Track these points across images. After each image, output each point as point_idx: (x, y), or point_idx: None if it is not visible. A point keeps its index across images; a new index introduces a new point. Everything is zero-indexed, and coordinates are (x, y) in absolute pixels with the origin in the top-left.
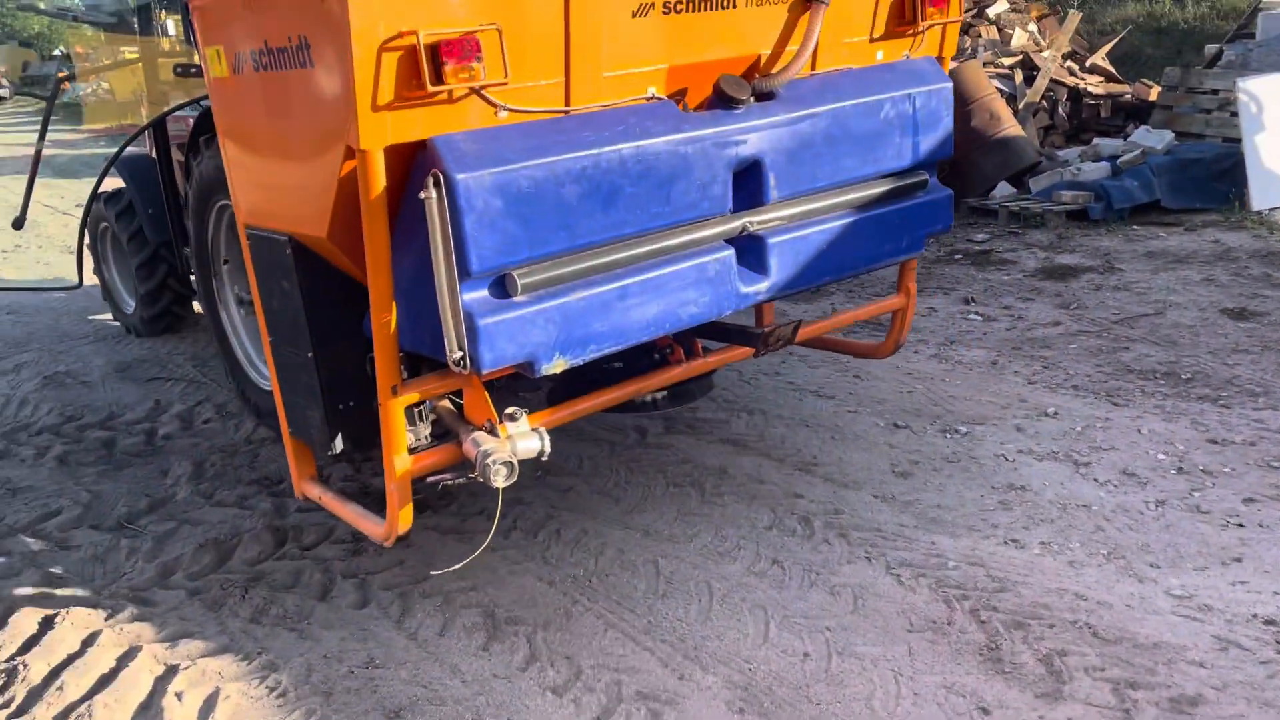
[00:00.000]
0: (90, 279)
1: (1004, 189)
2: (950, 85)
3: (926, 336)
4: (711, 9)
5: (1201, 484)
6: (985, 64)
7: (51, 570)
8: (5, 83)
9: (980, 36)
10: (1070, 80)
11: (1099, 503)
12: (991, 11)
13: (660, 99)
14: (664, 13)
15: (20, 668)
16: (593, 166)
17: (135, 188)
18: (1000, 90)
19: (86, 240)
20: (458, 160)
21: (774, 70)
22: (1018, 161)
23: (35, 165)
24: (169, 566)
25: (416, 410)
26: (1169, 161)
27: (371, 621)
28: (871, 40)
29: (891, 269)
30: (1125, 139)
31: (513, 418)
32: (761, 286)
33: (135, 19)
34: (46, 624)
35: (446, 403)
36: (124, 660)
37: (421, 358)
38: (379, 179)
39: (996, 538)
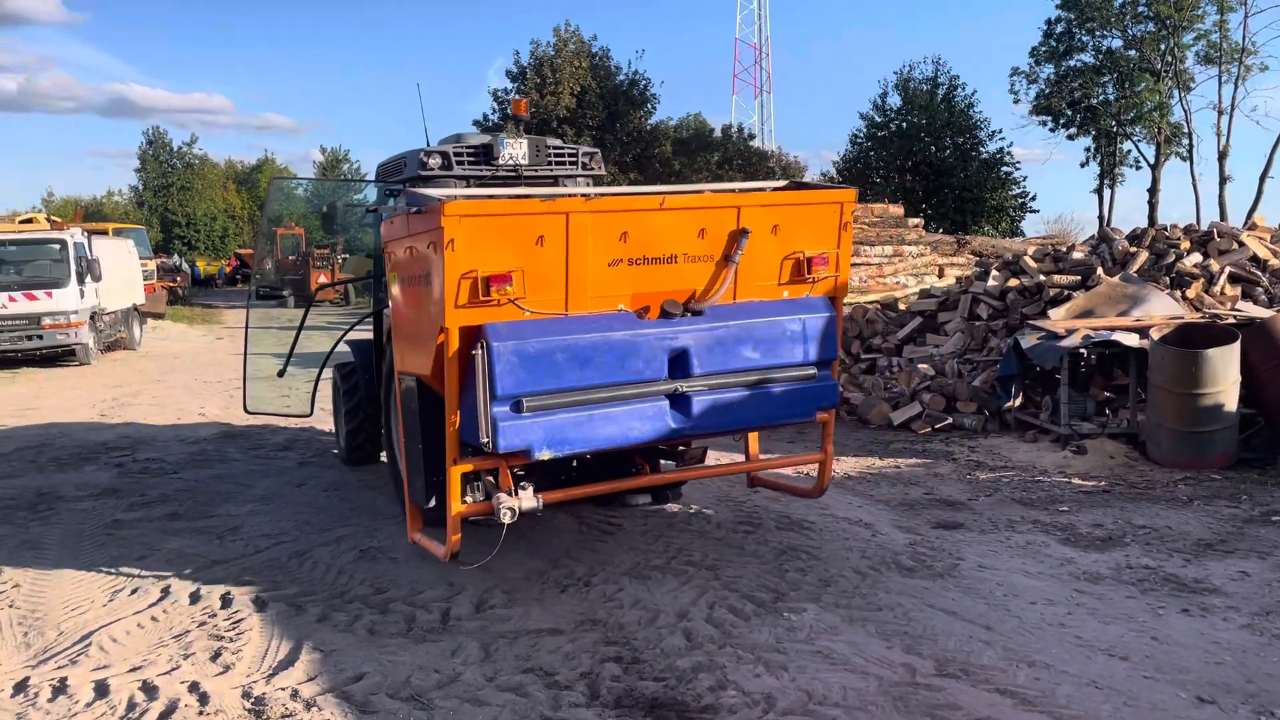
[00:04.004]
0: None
1: None
2: (833, 314)
3: (1239, 604)
4: (661, 263)
5: None
6: None
7: None
8: (352, 289)
9: None
10: None
11: None
12: None
13: (625, 311)
14: (629, 264)
15: None
16: (575, 345)
17: (358, 359)
18: None
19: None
20: (496, 336)
21: (704, 298)
22: None
23: (297, 335)
24: None
25: (472, 483)
26: None
27: None
28: (779, 284)
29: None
30: None
31: (524, 488)
32: (686, 425)
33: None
34: None
35: (490, 478)
36: None
37: (472, 448)
38: (455, 343)
39: None
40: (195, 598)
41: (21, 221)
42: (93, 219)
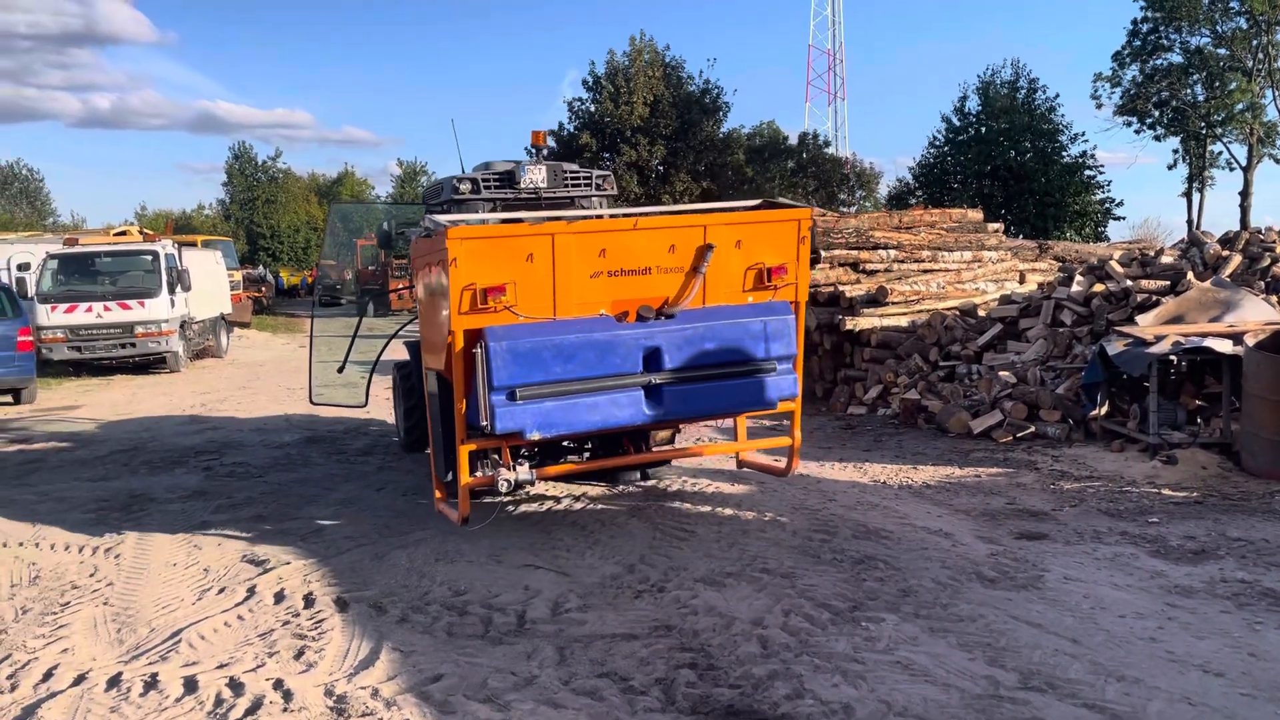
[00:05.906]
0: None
1: None
2: (792, 316)
3: None
4: (637, 275)
5: None
6: None
7: None
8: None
9: None
10: None
11: None
12: None
13: (606, 315)
14: (609, 276)
15: None
16: (561, 343)
17: (413, 358)
18: None
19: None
20: (494, 337)
21: (675, 304)
22: None
23: (353, 338)
24: None
25: (481, 460)
26: None
27: None
28: (744, 291)
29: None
30: None
31: (520, 464)
32: (659, 412)
33: None
34: None
35: (495, 456)
36: None
37: (478, 431)
38: (460, 343)
39: None
40: (279, 597)
41: (116, 234)
42: (183, 231)
